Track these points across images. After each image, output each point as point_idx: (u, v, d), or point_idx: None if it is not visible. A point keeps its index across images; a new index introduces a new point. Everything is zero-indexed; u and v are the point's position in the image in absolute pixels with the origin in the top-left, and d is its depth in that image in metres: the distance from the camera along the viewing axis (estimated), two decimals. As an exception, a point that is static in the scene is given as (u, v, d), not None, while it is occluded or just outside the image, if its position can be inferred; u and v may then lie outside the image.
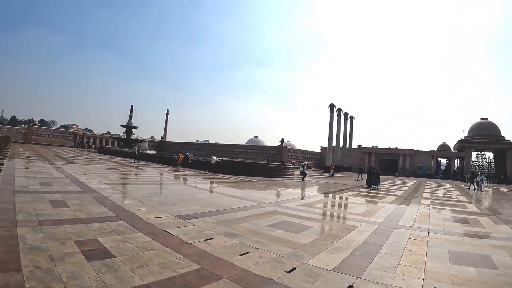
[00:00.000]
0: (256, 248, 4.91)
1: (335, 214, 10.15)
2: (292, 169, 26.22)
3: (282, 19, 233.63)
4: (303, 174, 23.63)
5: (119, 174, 16.42)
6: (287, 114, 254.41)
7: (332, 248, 5.25)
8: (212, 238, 5.27)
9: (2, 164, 13.98)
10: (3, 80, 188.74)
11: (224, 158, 27.57)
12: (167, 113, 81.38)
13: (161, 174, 19.28)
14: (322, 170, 40.64)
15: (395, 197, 15.52)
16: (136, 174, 17.82)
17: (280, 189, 15.72)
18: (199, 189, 12.95)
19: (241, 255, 4.51)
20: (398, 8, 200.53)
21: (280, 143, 46.65)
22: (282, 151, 46.43)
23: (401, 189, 21.85)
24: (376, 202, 12.82)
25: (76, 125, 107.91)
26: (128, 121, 53.21)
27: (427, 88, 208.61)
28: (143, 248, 4.41)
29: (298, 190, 16.03)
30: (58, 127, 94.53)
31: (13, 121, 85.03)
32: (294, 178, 23.67)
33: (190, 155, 44.52)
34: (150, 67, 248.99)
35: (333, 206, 12.18)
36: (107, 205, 7.30)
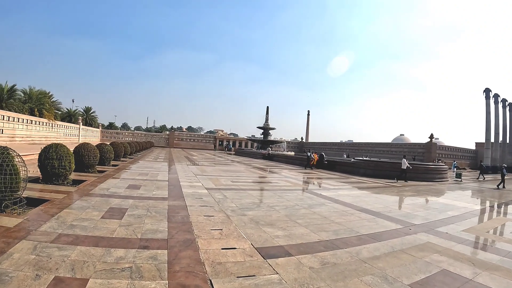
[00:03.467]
0: None
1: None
2: (445, 170, 24.48)
3: (409, 8, 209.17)
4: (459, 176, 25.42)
5: (234, 176, 16.20)
6: (432, 108, 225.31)
7: None
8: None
9: (117, 165, 16.58)
10: (155, 94, 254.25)
11: (364, 158, 28.71)
12: (308, 114, 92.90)
13: (285, 177, 18.06)
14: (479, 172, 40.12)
15: None
16: (254, 177, 17.21)
17: (432, 199, 13.37)
18: (322, 198, 10.75)
19: None
20: None
21: (429, 140, 46.60)
22: (432, 149, 46.29)
23: None
24: None
25: (222, 130, 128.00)
26: (265, 122, 58.16)
27: None
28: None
29: (457, 202, 12.72)
30: (205, 133, 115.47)
31: (162, 128, 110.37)
32: (447, 182, 22.21)
33: (344, 156, 44.29)
34: (288, 72, 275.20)
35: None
36: (172, 221, 6.11)
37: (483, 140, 47.77)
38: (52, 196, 7.84)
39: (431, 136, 46.05)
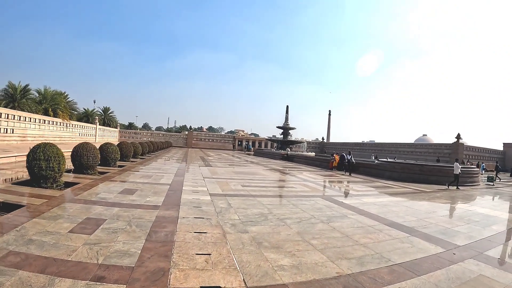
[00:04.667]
0: None
1: None
2: (476, 173, 22.79)
3: (431, 6, 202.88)
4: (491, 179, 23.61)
5: (246, 180, 14.98)
6: (455, 108, 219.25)
7: None
8: None
9: (123, 166, 15.81)
10: (177, 95, 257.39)
11: (389, 159, 27.89)
12: (329, 114, 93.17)
13: (303, 180, 16.58)
14: (509, 174, 40.23)
15: None
16: (268, 181, 15.86)
17: (470, 208, 11.35)
18: (344, 207, 9.30)
19: None
20: None
21: (455, 140, 44.36)
22: (459, 150, 43.79)
23: None
24: None
25: (242, 130, 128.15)
26: (284, 122, 56.67)
27: None
28: None
29: (499, 212, 10.92)
30: (226, 133, 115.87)
31: (182, 128, 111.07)
32: (479, 187, 20.49)
33: (372, 157, 42.21)
34: (308, 72, 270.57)
35: None
36: (152, 239, 4.96)
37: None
38: (30, 201, 7.01)
39: (458, 136, 43.43)
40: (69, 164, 11.66)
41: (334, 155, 25.24)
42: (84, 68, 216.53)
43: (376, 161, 24.78)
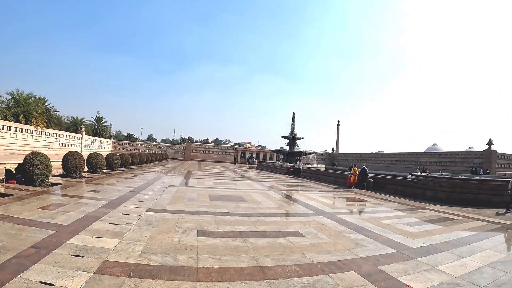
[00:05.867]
0: None
1: None
2: None
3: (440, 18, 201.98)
4: None
5: (221, 214, 8.82)
6: (464, 112, 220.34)
7: None
8: None
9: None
10: (185, 108, 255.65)
11: (425, 173, 22.41)
12: (338, 124, 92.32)
13: (315, 213, 10.61)
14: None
15: None
16: (256, 215, 9.80)
17: None
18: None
19: None
20: None
21: (487, 146, 38.29)
22: (492, 158, 37.37)
23: None
24: None
25: (249, 143, 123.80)
26: (291, 131, 51.02)
27: None
28: None
29: None
30: (232, 145, 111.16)
31: (183, 140, 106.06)
32: None
33: (418, 170, 33.46)
34: (315, 83, 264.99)
35: None
36: None
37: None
38: None
39: (490, 142, 37.33)
40: None
41: (353, 168, 19.47)
42: (91, 80, 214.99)
43: (409, 176, 18.98)
